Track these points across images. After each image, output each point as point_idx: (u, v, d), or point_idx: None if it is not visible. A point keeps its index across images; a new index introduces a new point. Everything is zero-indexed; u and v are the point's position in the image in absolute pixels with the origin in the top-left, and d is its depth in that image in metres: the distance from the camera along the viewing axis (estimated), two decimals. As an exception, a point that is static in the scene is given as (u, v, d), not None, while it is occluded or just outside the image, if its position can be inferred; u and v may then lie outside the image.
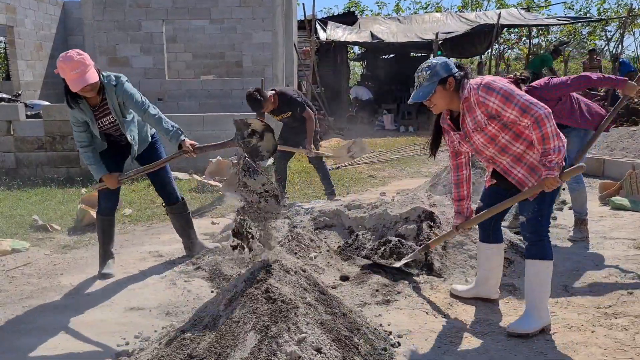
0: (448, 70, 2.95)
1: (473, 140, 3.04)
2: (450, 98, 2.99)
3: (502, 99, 2.82)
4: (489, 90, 2.86)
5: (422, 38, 15.21)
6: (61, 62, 3.55)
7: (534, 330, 3.00)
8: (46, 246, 4.93)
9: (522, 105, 2.77)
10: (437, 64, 2.98)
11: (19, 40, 12.80)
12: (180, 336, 2.56)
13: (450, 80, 2.94)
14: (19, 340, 3.13)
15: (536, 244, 3.04)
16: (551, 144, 2.77)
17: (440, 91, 2.96)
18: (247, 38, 12.37)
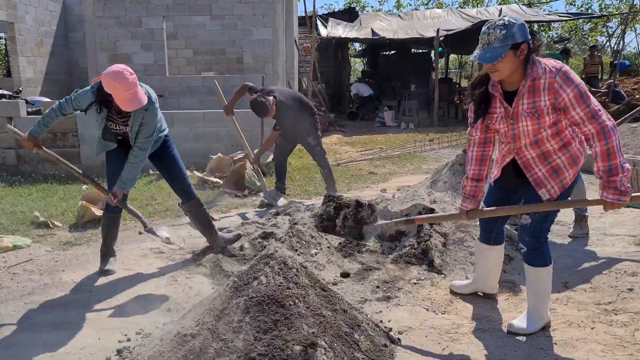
0: (524, 35, 2.65)
1: (518, 124, 2.78)
2: (516, 66, 2.69)
3: (577, 94, 2.59)
4: (567, 79, 2.62)
5: (423, 34, 15.19)
6: (112, 80, 3.49)
7: (535, 330, 3.01)
8: (47, 243, 4.94)
9: (593, 110, 2.58)
10: (514, 24, 2.65)
11: (19, 37, 12.79)
12: (181, 332, 2.57)
13: (524, 47, 2.65)
14: (20, 336, 3.14)
15: (535, 251, 2.95)
16: (617, 160, 2.58)
17: (511, 57, 2.65)
18: (247, 34, 12.36)
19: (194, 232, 5.15)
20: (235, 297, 2.71)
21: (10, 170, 8.07)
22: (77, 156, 8.19)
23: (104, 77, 3.53)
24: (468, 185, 3.07)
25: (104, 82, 3.53)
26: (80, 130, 8.15)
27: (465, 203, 3.09)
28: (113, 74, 3.50)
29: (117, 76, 3.49)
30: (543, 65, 2.68)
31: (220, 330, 2.49)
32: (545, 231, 2.97)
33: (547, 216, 2.93)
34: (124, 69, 3.56)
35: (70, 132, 8.16)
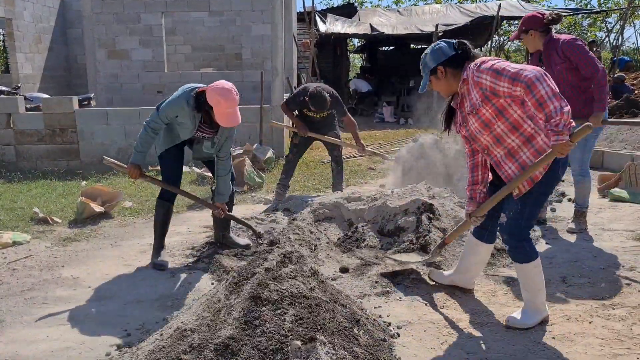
0: (437, 59, 2.94)
1: (469, 124, 2.97)
2: (448, 84, 2.98)
3: (493, 73, 2.74)
4: (480, 68, 2.80)
5: (422, 30, 15.18)
6: (219, 96, 3.68)
7: (533, 324, 3.02)
8: (47, 239, 4.95)
9: (512, 75, 2.66)
10: (427, 54, 3.00)
11: (17, 33, 12.77)
12: (181, 327, 2.58)
13: (440, 69, 2.95)
14: (21, 331, 3.15)
15: (516, 249, 2.97)
16: (550, 106, 2.57)
17: (434, 81, 3.00)
18: (246, 30, 12.35)
19: (194, 228, 5.17)
20: (234, 292, 2.73)
21: (10, 166, 8.08)
22: (76, 152, 8.20)
23: (213, 91, 3.71)
24: (467, 190, 3.21)
25: (211, 95, 3.71)
26: (79, 127, 8.16)
27: (468, 206, 3.21)
28: (222, 90, 3.71)
29: (225, 93, 3.70)
30: (468, 68, 2.90)
31: (220, 326, 2.51)
32: (524, 229, 2.96)
33: (522, 213, 2.92)
34: (232, 88, 3.76)
35: (69, 129, 8.16)
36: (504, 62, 2.78)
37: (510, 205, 2.98)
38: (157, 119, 3.91)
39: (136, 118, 8.23)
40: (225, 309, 2.62)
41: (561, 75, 4.25)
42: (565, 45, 4.18)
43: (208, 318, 2.59)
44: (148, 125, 3.91)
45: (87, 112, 8.47)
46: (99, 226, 5.33)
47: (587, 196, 4.62)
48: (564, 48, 4.18)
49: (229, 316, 2.55)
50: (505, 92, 2.73)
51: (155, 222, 4.23)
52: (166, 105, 3.89)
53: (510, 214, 2.96)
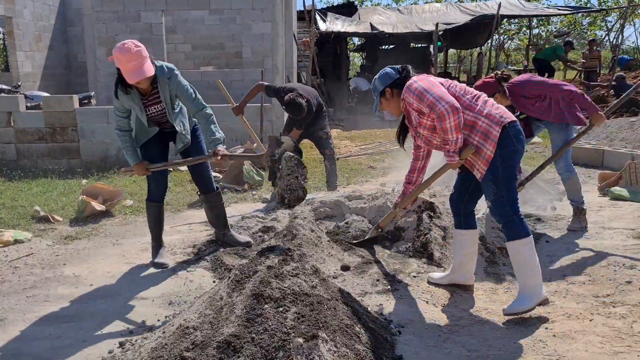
0: (384, 82, 3.31)
1: (421, 133, 3.29)
2: (396, 104, 3.34)
3: (416, 98, 3.09)
4: (408, 90, 3.14)
5: (422, 29, 15.17)
6: (118, 52, 3.54)
7: (529, 308, 3.06)
8: (48, 237, 4.95)
9: (430, 103, 3.02)
10: (376, 79, 3.37)
11: (17, 31, 12.77)
12: (183, 324, 2.59)
13: (388, 91, 3.31)
14: (23, 329, 3.16)
15: (507, 225, 3.12)
16: (449, 136, 3.03)
17: (384, 102, 3.37)
18: (246, 29, 12.35)
19: (195, 226, 5.18)
20: (236, 290, 2.73)
21: (10, 165, 8.08)
22: (76, 151, 8.20)
23: (113, 52, 3.57)
24: (403, 186, 3.72)
25: (114, 57, 3.57)
26: (80, 125, 8.16)
27: (397, 199, 3.77)
28: (118, 46, 3.56)
29: (120, 48, 3.54)
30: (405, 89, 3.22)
31: (222, 323, 2.51)
32: (508, 206, 3.10)
33: (499, 193, 3.09)
34: (130, 41, 3.59)
35: (70, 127, 8.17)
36: (428, 83, 3.11)
37: (486, 190, 3.17)
38: (115, 118, 3.92)
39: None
40: (228, 306, 2.63)
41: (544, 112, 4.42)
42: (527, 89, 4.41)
43: (210, 316, 2.60)
44: (115, 128, 3.95)
45: (87, 110, 8.47)
46: (100, 224, 5.33)
47: (579, 191, 4.64)
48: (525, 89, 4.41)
49: (231, 314, 2.55)
50: (428, 113, 3.09)
51: (149, 223, 4.26)
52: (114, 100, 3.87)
53: (492, 197, 3.14)
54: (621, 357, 2.69)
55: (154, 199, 4.20)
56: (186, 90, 3.87)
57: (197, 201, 6.14)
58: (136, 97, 3.82)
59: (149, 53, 3.70)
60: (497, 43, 23.46)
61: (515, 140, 3.07)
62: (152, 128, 4.04)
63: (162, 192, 4.23)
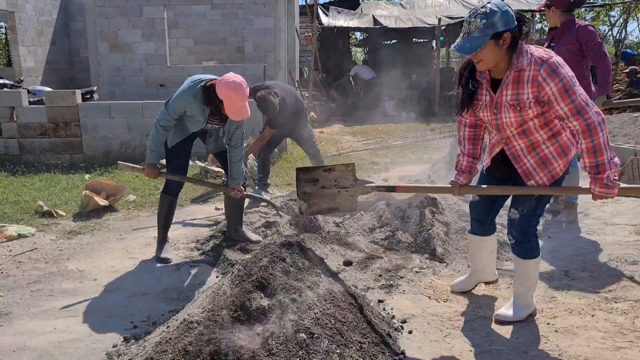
0: (507, 23, 2.53)
1: (501, 115, 2.71)
2: (500, 56, 2.60)
3: (561, 88, 2.51)
4: (552, 72, 2.52)
5: (425, 23, 15.12)
6: (231, 90, 3.65)
7: (522, 317, 3.04)
8: (52, 232, 4.97)
9: (579, 106, 2.50)
10: (496, 12, 2.52)
11: (19, 26, 12.77)
12: (187, 319, 2.61)
13: (506, 37, 2.55)
14: (28, 323, 3.18)
15: (524, 244, 2.93)
16: (604, 156, 2.52)
17: (492, 46, 2.56)
18: (248, 24, 12.34)
19: (197, 221, 5.20)
20: (240, 285, 2.74)
21: (13, 160, 8.09)
22: (79, 146, 8.21)
23: (224, 85, 3.67)
24: (464, 161, 2.99)
25: (221, 89, 3.68)
26: (83, 120, 8.16)
27: (459, 176, 2.98)
28: (234, 84, 3.67)
29: (237, 87, 3.67)
30: (529, 56, 2.59)
31: (225, 319, 2.53)
32: (533, 225, 2.93)
33: (535, 211, 2.88)
34: (242, 81, 3.74)
35: (73, 122, 8.17)
36: (573, 79, 2.57)
37: (523, 203, 2.87)
38: (166, 116, 3.89)
39: (139, 112, 8.24)
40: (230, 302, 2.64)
41: (564, 56, 4.34)
42: (580, 29, 4.40)
43: (214, 311, 2.61)
44: (159, 124, 3.90)
45: (90, 105, 8.47)
46: (103, 219, 5.35)
47: None
48: (579, 31, 4.40)
49: (234, 310, 2.56)
50: (557, 112, 2.58)
51: (159, 216, 4.25)
52: (174, 101, 3.87)
53: (524, 211, 2.87)
54: (623, 353, 2.70)
55: (170, 192, 4.22)
56: (242, 134, 4.14)
57: (200, 196, 6.16)
58: (206, 114, 3.91)
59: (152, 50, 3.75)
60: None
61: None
62: (192, 132, 4.09)
63: (180, 186, 4.27)
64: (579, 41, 4.37)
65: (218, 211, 5.58)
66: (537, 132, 2.73)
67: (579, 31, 4.39)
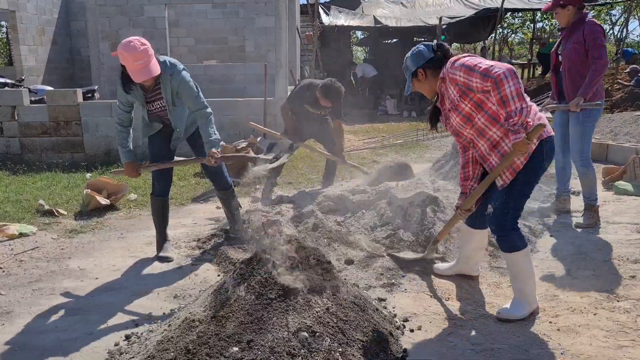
0: (417, 63, 3.07)
1: (451, 120, 3.07)
2: (429, 85, 3.11)
3: (465, 69, 2.84)
4: (454, 66, 2.90)
5: (426, 22, 15.11)
6: (123, 50, 3.48)
7: (523, 315, 3.05)
8: (53, 230, 4.97)
9: (483, 71, 2.76)
10: (407, 57, 3.12)
11: (21, 25, 12.76)
12: (189, 318, 2.61)
13: (421, 72, 3.07)
14: (29, 322, 3.18)
15: (503, 239, 3.03)
16: (512, 106, 2.69)
17: (416, 83, 3.13)
18: (249, 22, 12.33)
19: (199, 220, 5.20)
20: (241, 284, 2.74)
21: (14, 159, 8.10)
22: (80, 145, 8.22)
23: (118, 50, 3.51)
24: (461, 186, 3.32)
25: (119, 54, 3.51)
26: (84, 119, 8.17)
27: (458, 200, 3.32)
28: (123, 44, 3.50)
29: (126, 46, 3.48)
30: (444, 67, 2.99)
31: (227, 318, 2.53)
32: (509, 219, 3.01)
33: (507, 204, 2.99)
34: (135, 39, 3.54)
35: (74, 121, 8.17)
36: (477, 59, 2.88)
37: (495, 197, 3.05)
38: (118, 110, 3.88)
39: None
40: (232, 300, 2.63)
41: (570, 55, 4.44)
42: (587, 27, 4.35)
43: (215, 309, 2.61)
44: (115, 122, 3.92)
45: (91, 104, 8.47)
46: (104, 218, 5.35)
47: (593, 187, 4.60)
48: (585, 28, 4.35)
49: (235, 309, 2.56)
50: (478, 87, 2.82)
51: (153, 217, 4.26)
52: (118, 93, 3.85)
53: (496, 205, 3.03)
54: (625, 351, 2.69)
55: (157, 193, 4.21)
56: (189, 87, 3.80)
57: (200, 195, 6.16)
58: (139, 92, 3.79)
59: (153, 49, 3.67)
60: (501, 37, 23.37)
61: (545, 157, 2.95)
62: (155, 124, 4.03)
63: (165, 186, 4.23)
64: (585, 38, 4.34)
65: (219, 210, 5.57)
66: (490, 129, 2.95)
67: (585, 28, 4.35)
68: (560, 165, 4.91)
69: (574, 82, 4.46)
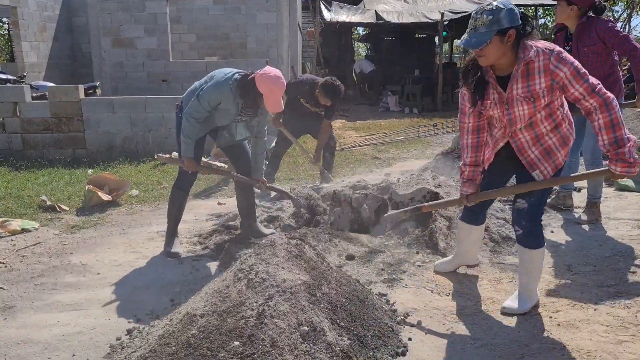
0: (512, 21, 2.62)
1: (514, 108, 2.77)
2: (504, 52, 2.68)
3: (574, 71, 2.61)
4: (562, 59, 2.62)
5: (428, 18, 15.08)
6: (273, 85, 3.77)
7: (526, 309, 3.07)
8: (55, 226, 4.99)
9: (592, 85, 2.61)
10: (502, 9, 2.62)
11: (22, 21, 12.75)
12: (190, 312, 2.62)
13: (511, 33, 2.63)
14: (32, 317, 3.20)
15: (532, 233, 2.97)
16: (622, 131, 2.59)
17: (497, 43, 2.63)
18: (251, 19, 12.30)
19: (200, 215, 5.21)
20: (242, 280, 2.75)
21: (17, 155, 8.12)
22: (82, 141, 8.23)
23: (265, 79, 3.76)
24: (466, 171, 3.10)
25: (263, 83, 3.76)
26: (86, 115, 8.18)
27: (465, 187, 3.11)
28: (275, 78, 3.79)
29: (277, 81, 3.79)
30: (535, 48, 2.67)
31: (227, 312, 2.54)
32: (540, 214, 3.01)
33: (543, 198, 2.98)
34: (281, 75, 3.86)
35: (76, 117, 8.19)
36: (580, 65, 2.68)
37: (530, 193, 2.92)
38: (199, 108, 3.87)
39: (142, 107, 8.24)
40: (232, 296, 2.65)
41: (588, 58, 4.23)
42: (600, 27, 4.16)
43: (216, 305, 2.62)
44: (191, 116, 3.87)
45: (93, 100, 8.48)
46: (106, 214, 5.37)
47: (599, 187, 4.59)
48: (598, 30, 4.16)
49: (236, 304, 2.57)
50: (573, 94, 2.65)
51: (171, 210, 4.24)
52: (207, 93, 3.85)
53: (532, 200, 2.92)
54: (625, 346, 2.70)
55: (183, 187, 4.23)
56: (266, 126, 4.32)
57: (203, 191, 6.17)
58: (239, 105, 3.95)
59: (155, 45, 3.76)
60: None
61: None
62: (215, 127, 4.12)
63: (192, 181, 4.28)
64: (602, 40, 4.15)
65: (221, 206, 5.59)
66: (542, 124, 2.82)
67: (598, 30, 4.15)
68: (566, 162, 4.87)
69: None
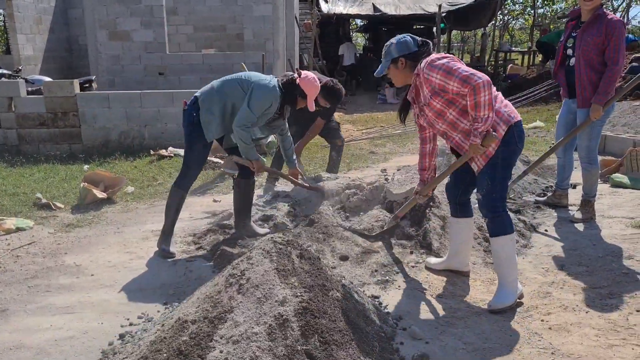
0: (401, 51, 3.19)
1: (426, 114, 3.23)
2: (404, 75, 3.25)
3: (443, 73, 2.98)
4: (431, 67, 3.03)
5: (425, 10, 15.00)
6: (314, 87, 4.20)
7: (512, 303, 3.15)
8: (50, 225, 4.98)
9: (462, 77, 2.93)
10: (392, 43, 3.23)
11: (17, 14, 12.67)
12: (182, 318, 2.62)
13: (402, 61, 3.20)
14: (24, 320, 3.20)
15: (494, 220, 3.17)
16: (481, 113, 2.93)
17: (393, 69, 3.26)
18: (248, 10, 12.24)
19: (195, 214, 5.20)
20: (233, 285, 2.75)
21: (12, 150, 8.10)
22: (78, 136, 8.20)
23: (310, 81, 4.16)
24: (419, 173, 3.58)
25: (309, 86, 4.16)
26: (81, 110, 8.15)
27: (417, 187, 3.60)
28: (315, 79, 4.23)
29: (317, 84, 4.24)
30: (419, 64, 3.14)
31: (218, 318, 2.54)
32: (498, 201, 3.17)
33: (493, 188, 3.15)
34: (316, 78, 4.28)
35: (71, 112, 8.15)
36: (457, 62, 3.04)
37: (480, 183, 3.20)
38: (252, 117, 3.96)
39: (138, 101, 8.21)
40: (223, 301, 2.65)
41: (588, 48, 4.27)
42: (611, 23, 4.19)
43: (207, 311, 2.62)
44: (245, 126, 3.97)
45: (88, 95, 8.44)
46: (101, 212, 5.36)
47: (594, 185, 4.59)
48: (608, 24, 4.19)
49: (226, 310, 2.57)
50: (454, 90, 3.00)
51: (169, 208, 4.21)
52: (259, 101, 3.96)
53: (483, 191, 3.18)
54: (616, 350, 2.71)
55: (184, 187, 4.22)
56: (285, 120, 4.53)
57: (197, 189, 6.16)
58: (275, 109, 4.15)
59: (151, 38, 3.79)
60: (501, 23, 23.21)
61: (517, 140, 3.11)
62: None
63: (193, 181, 4.29)
64: (606, 35, 4.17)
65: (216, 203, 5.59)
66: (461, 122, 3.13)
67: (608, 24, 4.17)
68: (561, 163, 4.89)
69: (590, 80, 4.31)
